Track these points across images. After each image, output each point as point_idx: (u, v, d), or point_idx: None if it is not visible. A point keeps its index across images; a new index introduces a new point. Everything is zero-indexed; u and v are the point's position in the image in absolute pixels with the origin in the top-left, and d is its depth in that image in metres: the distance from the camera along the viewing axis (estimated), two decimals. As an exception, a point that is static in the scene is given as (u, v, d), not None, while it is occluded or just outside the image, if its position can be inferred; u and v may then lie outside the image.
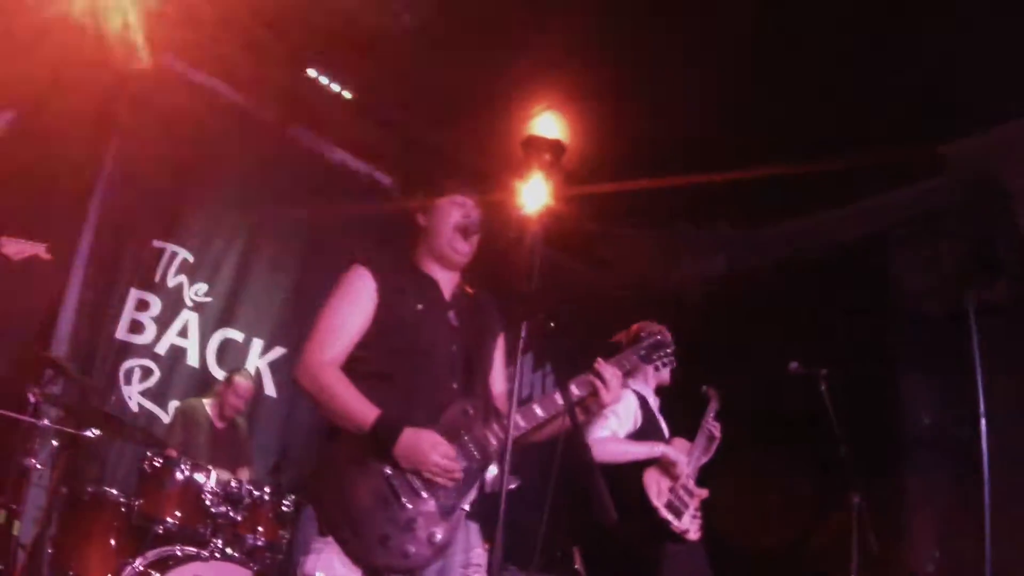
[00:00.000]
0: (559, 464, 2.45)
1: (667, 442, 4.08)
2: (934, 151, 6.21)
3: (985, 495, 5.91)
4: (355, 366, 2.57)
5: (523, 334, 2.46)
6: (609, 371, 2.62)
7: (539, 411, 2.55)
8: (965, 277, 6.15)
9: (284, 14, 5.67)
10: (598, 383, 2.59)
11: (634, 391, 4.18)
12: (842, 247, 6.87)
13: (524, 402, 2.63)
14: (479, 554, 2.56)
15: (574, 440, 2.50)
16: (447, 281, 2.80)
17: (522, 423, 2.49)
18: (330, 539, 2.36)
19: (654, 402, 4.29)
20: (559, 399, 2.55)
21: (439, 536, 2.39)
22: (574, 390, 2.58)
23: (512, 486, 2.33)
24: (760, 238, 7.53)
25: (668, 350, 2.86)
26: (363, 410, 2.42)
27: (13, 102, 5.33)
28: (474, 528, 2.60)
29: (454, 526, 2.44)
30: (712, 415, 4.29)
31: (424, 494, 2.40)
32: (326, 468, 2.48)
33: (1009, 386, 5.95)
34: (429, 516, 2.39)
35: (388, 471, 2.39)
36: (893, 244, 6.53)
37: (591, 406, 2.64)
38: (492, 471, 2.68)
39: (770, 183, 6.21)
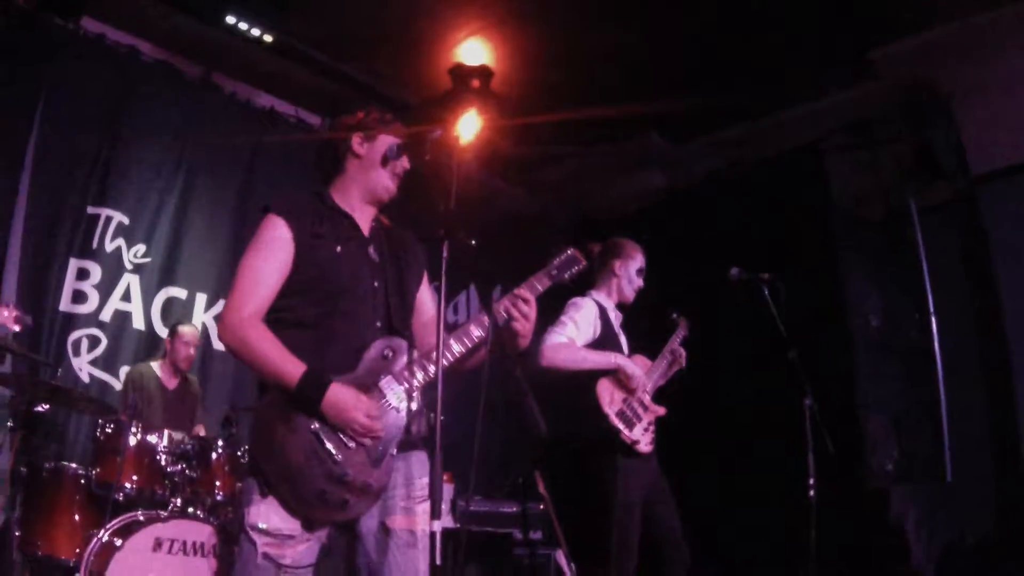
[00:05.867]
0: (486, 391, 2.45)
1: (627, 357, 4.07)
2: (864, 57, 6.16)
3: (941, 391, 6.05)
4: (279, 316, 2.50)
5: (444, 254, 2.45)
6: (522, 302, 2.57)
7: (456, 346, 2.53)
8: (906, 180, 6.19)
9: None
10: (513, 311, 2.56)
11: (595, 300, 4.15)
12: (778, 156, 6.85)
13: (454, 327, 2.61)
14: (424, 484, 2.53)
15: (501, 363, 2.51)
16: (365, 215, 2.73)
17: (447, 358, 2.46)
18: (270, 497, 2.36)
19: (615, 316, 4.25)
20: (475, 332, 2.55)
21: (373, 484, 2.42)
22: (487, 320, 2.56)
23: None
24: (695, 150, 7.47)
25: (581, 265, 2.83)
26: (288, 367, 2.37)
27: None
28: (418, 459, 2.58)
29: (386, 472, 2.46)
30: (678, 340, 4.29)
31: (352, 445, 2.40)
32: (258, 428, 2.45)
33: (952, 284, 6.05)
34: (360, 466, 2.40)
35: (315, 426, 2.38)
36: (829, 151, 6.51)
37: (509, 333, 2.59)
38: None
39: (701, 94, 6.16)
